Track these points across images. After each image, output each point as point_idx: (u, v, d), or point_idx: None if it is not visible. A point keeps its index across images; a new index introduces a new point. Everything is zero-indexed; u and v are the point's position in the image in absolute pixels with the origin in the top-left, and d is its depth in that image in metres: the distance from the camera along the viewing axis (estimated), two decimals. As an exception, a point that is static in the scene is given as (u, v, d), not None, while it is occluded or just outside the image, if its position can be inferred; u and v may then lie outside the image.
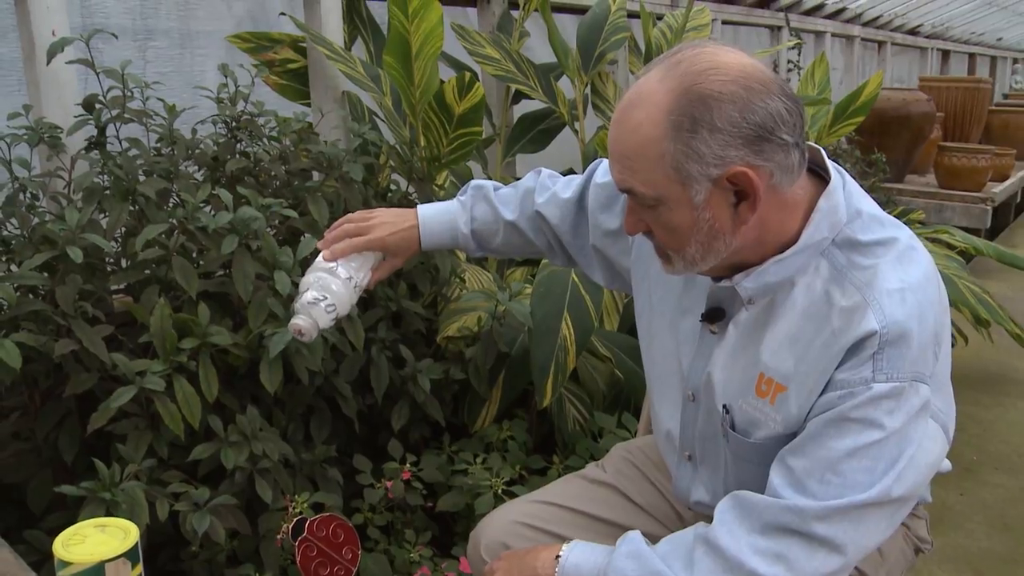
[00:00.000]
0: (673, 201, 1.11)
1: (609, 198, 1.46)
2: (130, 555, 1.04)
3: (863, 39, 7.44)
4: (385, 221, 1.48)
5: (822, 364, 1.12)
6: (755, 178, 1.07)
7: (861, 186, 1.23)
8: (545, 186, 1.55)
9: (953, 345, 3.23)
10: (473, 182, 1.58)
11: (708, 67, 1.06)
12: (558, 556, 1.24)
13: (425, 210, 1.53)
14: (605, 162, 1.51)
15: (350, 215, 1.50)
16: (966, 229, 4.69)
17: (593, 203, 1.48)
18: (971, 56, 10.66)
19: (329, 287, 1.39)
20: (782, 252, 1.15)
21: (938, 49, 9.48)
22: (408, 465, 2.11)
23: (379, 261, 1.48)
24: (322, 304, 1.38)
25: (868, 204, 1.19)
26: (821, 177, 1.18)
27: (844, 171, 1.20)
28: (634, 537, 1.20)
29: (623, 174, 1.14)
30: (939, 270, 1.21)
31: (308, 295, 1.39)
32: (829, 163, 1.18)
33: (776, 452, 1.16)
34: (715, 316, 1.25)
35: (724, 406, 1.24)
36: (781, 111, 1.06)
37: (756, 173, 1.07)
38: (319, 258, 1.43)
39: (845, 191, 1.17)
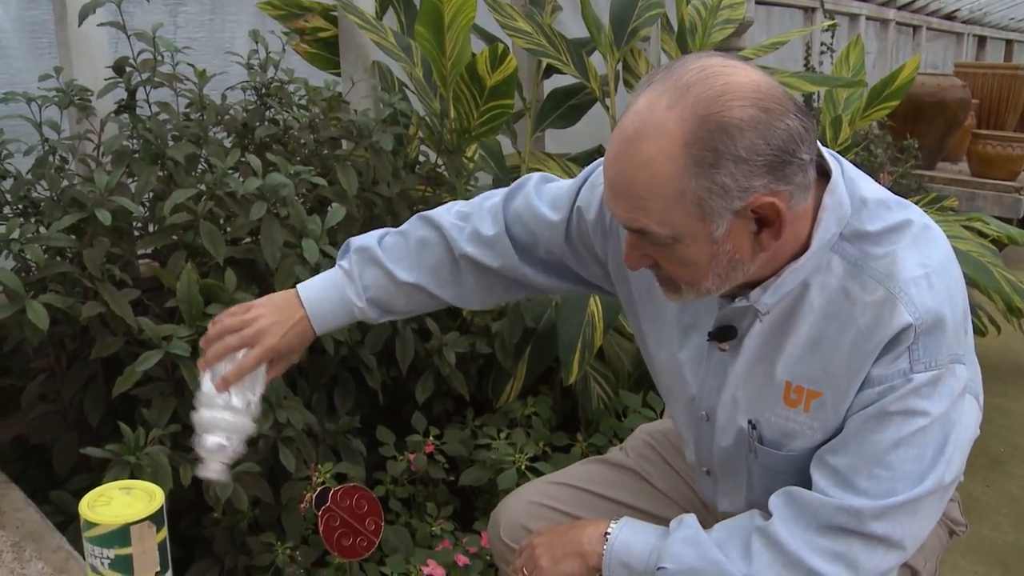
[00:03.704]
0: (691, 237, 1.03)
1: (589, 254, 1.36)
2: (155, 519, 1.04)
3: (898, 23, 7.33)
4: (271, 322, 1.29)
5: (855, 364, 1.08)
6: (781, 206, 1.01)
7: (890, 173, 1.18)
8: (458, 228, 1.38)
9: (984, 334, 3.20)
10: (352, 243, 1.39)
11: (723, 91, 0.98)
12: (607, 533, 1.20)
13: (308, 292, 1.33)
14: (531, 188, 1.38)
15: (223, 319, 1.30)
16: (998, 218, 4.62)
17: (552, 247, 1.37)
18: (1008, 43, 10.47)
19: (231, 424, 1.24)
20: (795, 259, 1.09)
21: (974, 35, 9.33)
22: (431, 438, 2.10)
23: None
24: (229, 448, 1.24)
25: (870, 188, 1.13)
26: (818, 165, 1.10)
27: (839, 156, 1.14)
28: (691, 522, 1.16)
29: (632, 214, 1.04)
30: (975, 257, 1.17)
31: (211, 441, 1.23)
32: (825, 151, 1.11)
33: (810, 460, 1.13)
34: (726, 335, 1.18)
35: (750, 421, 1.19)
36: (799, 129, 1.00)
37: (779, 199, 1.01)
38: (207, 386, 1.25)
39: (845, 179, 1.11)
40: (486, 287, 1.42)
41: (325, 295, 1.35)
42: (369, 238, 1.39)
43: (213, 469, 1.24)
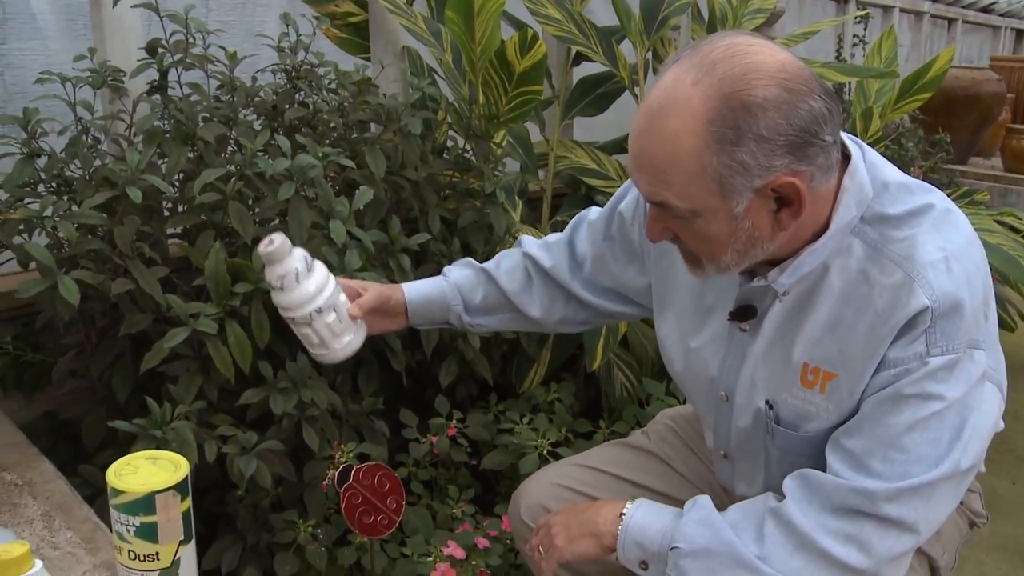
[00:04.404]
0: (710, 213, 1.05)
1: (626, 252, 1.44)
2: (180, 488, 1.05)
3: (933, 15, 7.23)
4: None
5: (870, 346, 1.08)
6: (802, 187, 1.02)
7: (921, 167, 1.17)
8: (531, 239, 1.56)
9: (1014, 329, 3.16)
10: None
11: (748, 69, 0.99)
12: (622, 514, 1.21)
13: (410, 283, 1.54)
14: (592, 209, 1.50)
15: None
16: (1031, 215, 4.56)
17: (595, 250, 1.48)
18: (1046, 37, 10.32)
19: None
20: (814, 240, 1.10)
21: (1012, 28, 9.19)
22: (454, 422, 2.11)
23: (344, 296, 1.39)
24: (277, 246, 1.29)
25: (891, 172, 1.13)
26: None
27: (861, 142, 1.14)
28: (705, 503, 1.17)
29: (654, 187, 1.06)
30: (1006, 251, 1.15)
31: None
32: (846, 137, 1.12)
33: (826, 442, 1.14)
34: (746, 314, 1.19)
35: (767, 401, 1.20)
36: (823, 111, 1.01)
37: (799, 179, 1.02)
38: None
39: (866, 163, 1.11)
40: (549, 295, 1.51)
41: (423, 283, 1.53)
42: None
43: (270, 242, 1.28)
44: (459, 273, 1.54)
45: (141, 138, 1.82)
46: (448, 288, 1.51)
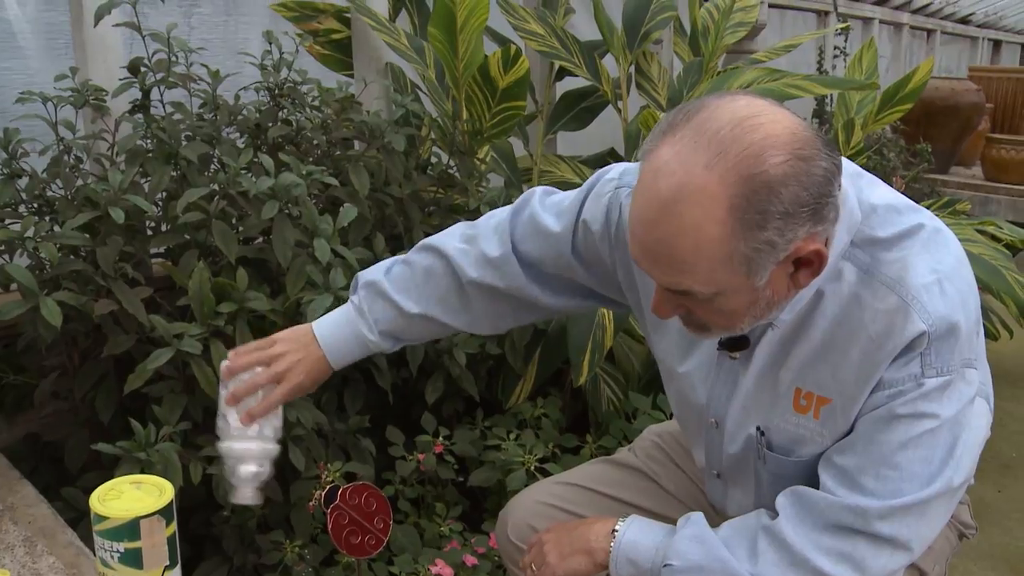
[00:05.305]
0: (733, 290, 1.02)
1: (594, 261, 1.34)
2: (164, 513, 1.04)
3: (912, 27, 7.31)
4: (296, 360, 1.33)
5: (865, 370, 1.07)
6: (822, 249, 1.01)
7: (903, 177, 1.16)
8: (463, 252, 1.38)
9: (997, 338, 3.18)
10: (361, 277, 1.42)
11: (764, 147, 0.94)
12: (614, 531, 1.21)
13: (323, 331, 1.37)
14: (536, 203, 1.38)
15: (247, 351, 1.35)
16: (1012, 223, 4.59)
17: (560, 260, 1.36)
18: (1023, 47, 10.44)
19: (262, 452, 1.32)
20: None
21: (989, 39, 9.29)
22: (441, 439, 2.10)
23: None
24: (263, 473, 1.32)
25: (879, 194, 1.12)
26: None
27: (848, 162, 1.11)
28: (698, 520, 1.16)
29: (675, 277, 1.02)
30: (988, 260, 1.15)
31: (245, 470, 1.30)
32: None
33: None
34: (738, 345, 1.18)
35: (758, 428, 1.19)
36: (832, 168, 0.99)
37: (817, 240, 1.00)
38: (234, 419, 1.31)
39: (854, 185, 1.10)
40: (495, 312, 1.42)
41: (339, 333, 1.38)
42: (376, 271, 1.41)
43: (247, 496, 1.31)
44: (384, 319, 1.38)
45: (124, 158, 1.82)
46: (373, 344, 1.39)
